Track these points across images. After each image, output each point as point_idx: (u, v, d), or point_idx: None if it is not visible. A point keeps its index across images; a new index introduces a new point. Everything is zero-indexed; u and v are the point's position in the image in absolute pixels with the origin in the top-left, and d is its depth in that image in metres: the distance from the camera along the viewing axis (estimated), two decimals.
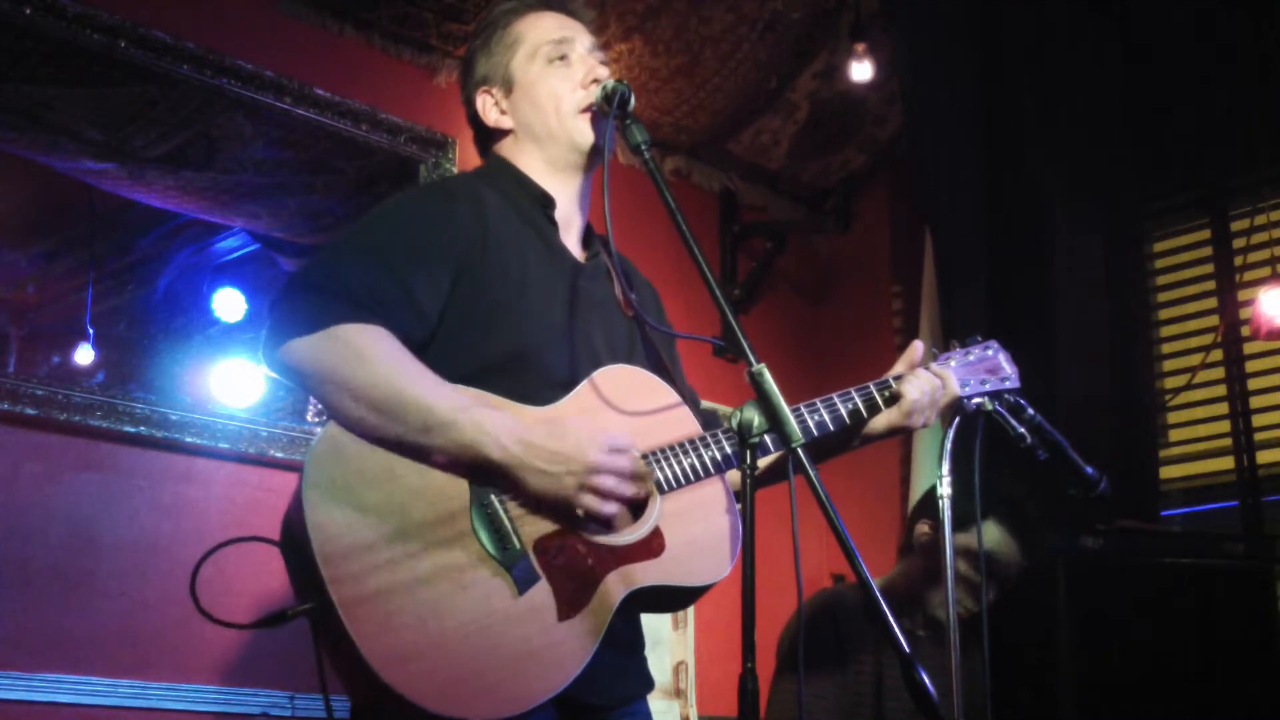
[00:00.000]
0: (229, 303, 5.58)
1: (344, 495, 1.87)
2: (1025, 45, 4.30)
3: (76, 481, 3.28)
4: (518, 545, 1.93)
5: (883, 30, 4.43)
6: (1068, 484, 2.78)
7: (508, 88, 2.33)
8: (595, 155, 2.24)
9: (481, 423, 1.90)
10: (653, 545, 2.00)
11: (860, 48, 4.42)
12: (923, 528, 3.28)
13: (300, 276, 1.99)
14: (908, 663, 1.76)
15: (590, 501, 1.95)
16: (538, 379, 2.06)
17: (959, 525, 2.82)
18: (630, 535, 2.00)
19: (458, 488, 1.92)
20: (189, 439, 3.42)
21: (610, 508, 1.97)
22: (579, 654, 1.89)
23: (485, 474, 1.94)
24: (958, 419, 2.64)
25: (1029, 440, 2.65)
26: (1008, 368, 2.35)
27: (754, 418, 1.94)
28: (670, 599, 2.06)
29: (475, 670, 1.83)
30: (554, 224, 2.27)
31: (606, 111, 2.16)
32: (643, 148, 2.14)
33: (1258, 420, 4.24)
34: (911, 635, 3.22)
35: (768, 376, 1.97)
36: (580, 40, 2.32)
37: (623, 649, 2.16)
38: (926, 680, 1.75)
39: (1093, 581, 3.35)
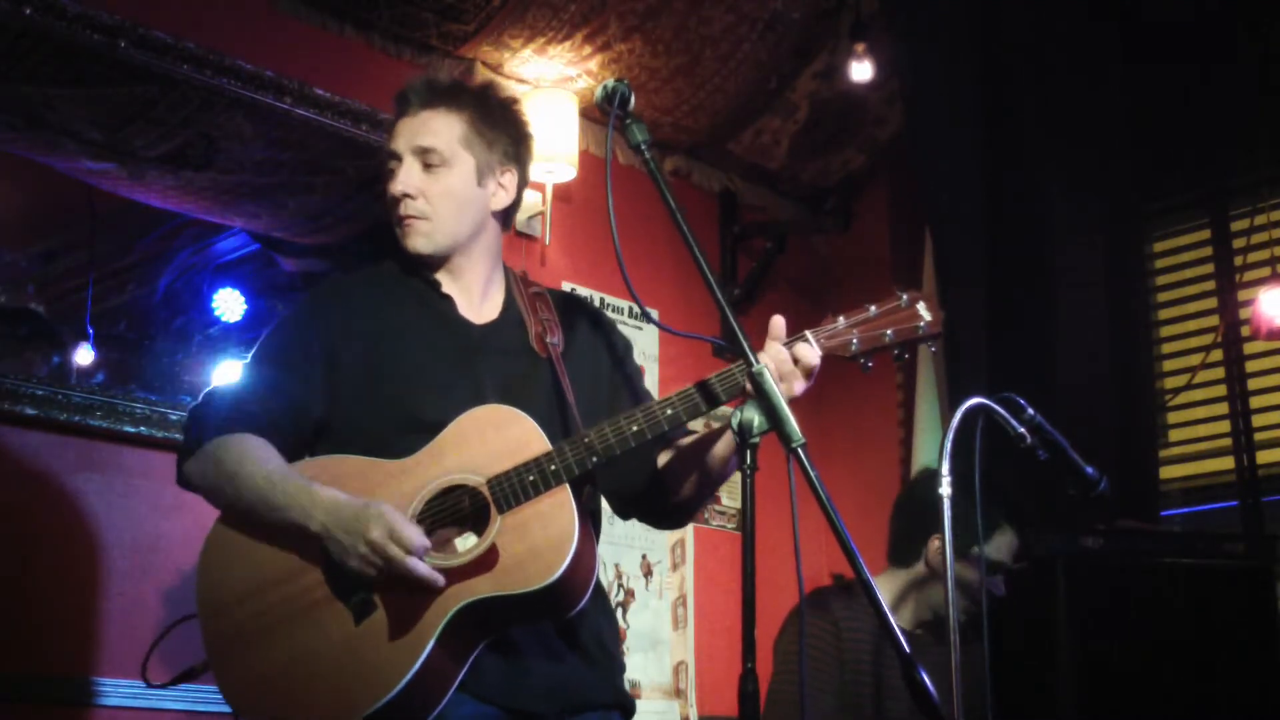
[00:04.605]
0: (229, 303, 5.58)
1: (220, 567, 2.24)
2: (1025, 46, 4.30)
3: (76, 481, 3.28)
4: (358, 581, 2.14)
5: (883, 30, 4.43)
6: (1068, 484, 2.79)
7: None
8: (422, 257, 2.38)
9: (304, 504, 2.15)
10: (487, 560, 2.11)
11: (860, 48, 4.41)
12: (937, 544, 3.12)
13: (192, 410, 2.35)
14: (909, 663, 1.76)
15: (372, 574, 2.10)
16: (416, 433, 2.22)
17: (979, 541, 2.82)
18: (467, 555, 2.12)
19: (316, 545, 2.16)
20: None
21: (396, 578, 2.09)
22: (403, 666, 2.07)
23: None
24: (957, 419, 2.65)
25: (1029, 440, 2.65)
26: (926, 315, 2.22)
27: (754, 418, 1.95)
28: (519, 608, 2.12)
29: (309, 691, 2.12)
30: (446, 299, 2.39)
31: (607, 110, 2.16)
32: (643, 147, 2.15)
33: (1258, 420, 4.23)
34: (911, 635, 3.22)
35: (768, 376, 1.98)
36: (403, 143, 2.37)
37: (560, 658, 2.23)
38: (928, 681, 1.75)
39: (1093, 581, 3.34)
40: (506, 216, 2.47)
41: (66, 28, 3.34)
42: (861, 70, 4.43)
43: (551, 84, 4.32)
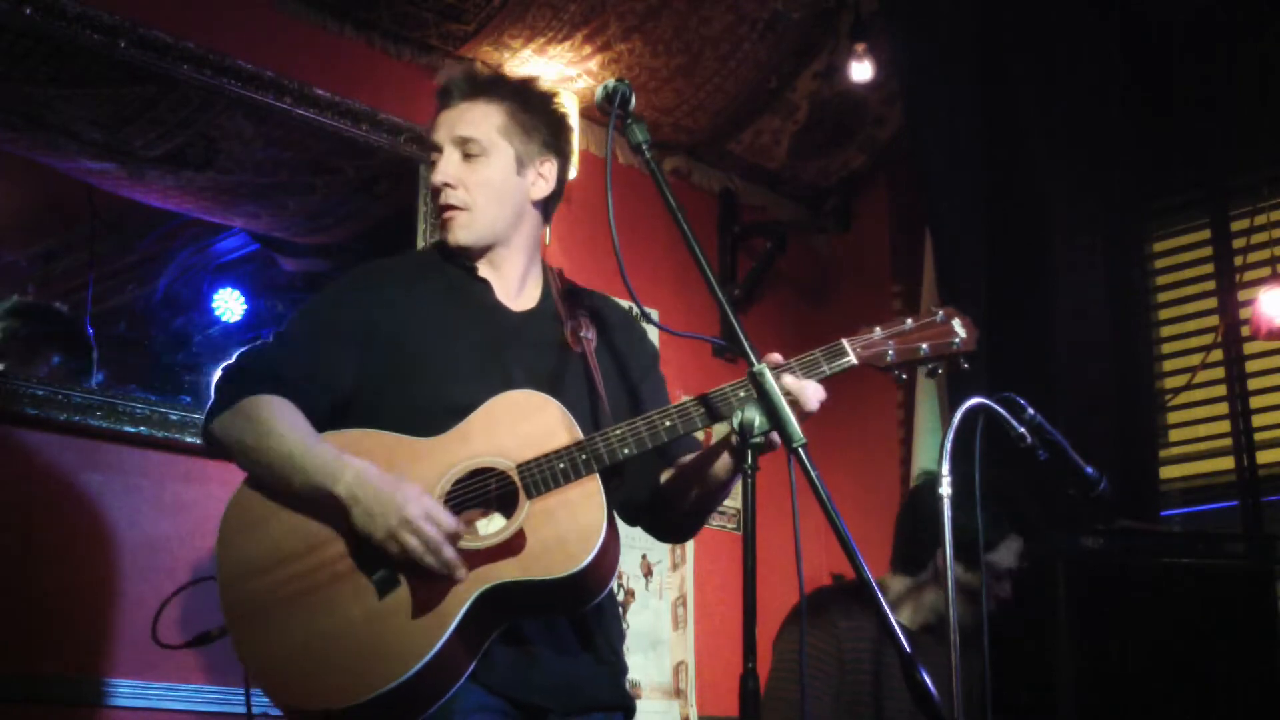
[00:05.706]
0: (229, 303, 5.58)
1: (243, 533, 2.21)
2: (1025, 45, 4.30)
3: (76, 481, 3.27)
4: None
5: (883, 30, 4.43)
6: (1068, 484, 2.79)
7: None
8: (463, 249, 2.39)
9: (332, 469, 2.13)
10: (513, 545, 2.11)
11: (860, 48, 4.42)
12: (966, 575, 3.05)
13: (225, 367, 2.34)
14: (909, 662, 1.76)
15: (396, 550, 2.09)
16: (445, 414, 2.21)
17: (988, 548, 2.81)
18: (494, 538, 2.12)
19: (341, 515, 2.13)
20: (189, 439, 3.42)
21: (425, 559, 2.08)
22: (425, 645, 2.05)
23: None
24: (957, 419, 2.65)
25: (1029, 440, 2.65)
26: (961, 332, 2.21)
27: (754, 418, 1.95)
28: (541, 595, 2.12)
29: (327, 665, 2.09)
30: (483, 283, 2.40)
31: (607, 110, 2.16)
32: (643, 147, 2.15)
33: (1258, 420, 4.23)
34: (911, 635, 3.22)
35: (769, 376, 1.98)
36: (443, 134, 2.40)
37: (573, 655, 2.24)
38: (928, 680, 1.75)
39: (1093, 581, 3.34)
40: (547, 207, 2.48)
41: (66, 28, 3.34)
42: (861, 70, 4.44)
43: (551, 84, 4.32)
